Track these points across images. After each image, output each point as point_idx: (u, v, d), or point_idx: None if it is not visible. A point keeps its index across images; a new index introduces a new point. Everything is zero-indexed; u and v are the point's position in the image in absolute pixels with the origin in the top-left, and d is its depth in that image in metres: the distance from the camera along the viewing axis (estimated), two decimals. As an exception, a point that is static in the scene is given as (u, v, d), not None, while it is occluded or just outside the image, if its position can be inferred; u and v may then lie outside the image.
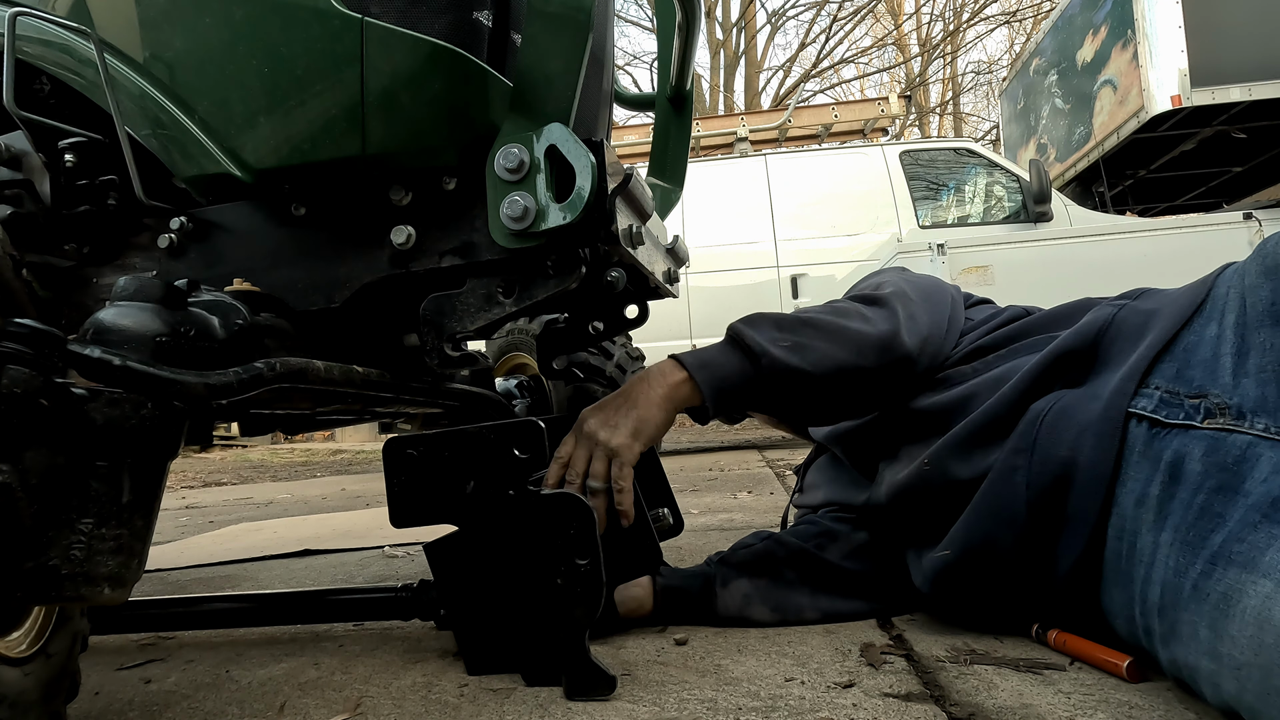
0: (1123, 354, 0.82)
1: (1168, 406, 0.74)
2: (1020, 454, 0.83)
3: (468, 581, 0.91)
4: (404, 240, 0.86)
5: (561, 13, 0.81)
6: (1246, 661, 0.58)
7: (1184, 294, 0.81)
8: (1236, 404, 0.68)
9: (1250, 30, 4.75)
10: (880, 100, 7.07)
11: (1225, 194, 6.60)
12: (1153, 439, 0.74)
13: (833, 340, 0.96)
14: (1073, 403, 0.82)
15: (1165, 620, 0.68)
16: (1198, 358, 0.74)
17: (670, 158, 1.44)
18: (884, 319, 0.99)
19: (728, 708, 0.74)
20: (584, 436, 0.92)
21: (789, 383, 0.95)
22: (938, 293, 1.08)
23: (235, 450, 9.77)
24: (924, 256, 4.40)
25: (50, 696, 0.64)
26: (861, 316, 0.99)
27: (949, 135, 17.02)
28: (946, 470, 0.91)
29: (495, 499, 0.88)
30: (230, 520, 3.10)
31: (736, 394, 0.95)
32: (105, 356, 0.61)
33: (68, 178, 0.91)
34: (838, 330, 0.97)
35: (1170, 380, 0.75)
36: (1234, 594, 0.60)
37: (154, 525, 0.64)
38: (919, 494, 0.95)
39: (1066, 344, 0.86)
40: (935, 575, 0.92)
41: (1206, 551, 0.64)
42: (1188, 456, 0.69)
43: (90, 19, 0.89)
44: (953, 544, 0.89)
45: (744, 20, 14.63)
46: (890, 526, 1.04)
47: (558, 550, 0.83)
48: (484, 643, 0.91)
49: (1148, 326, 0.81)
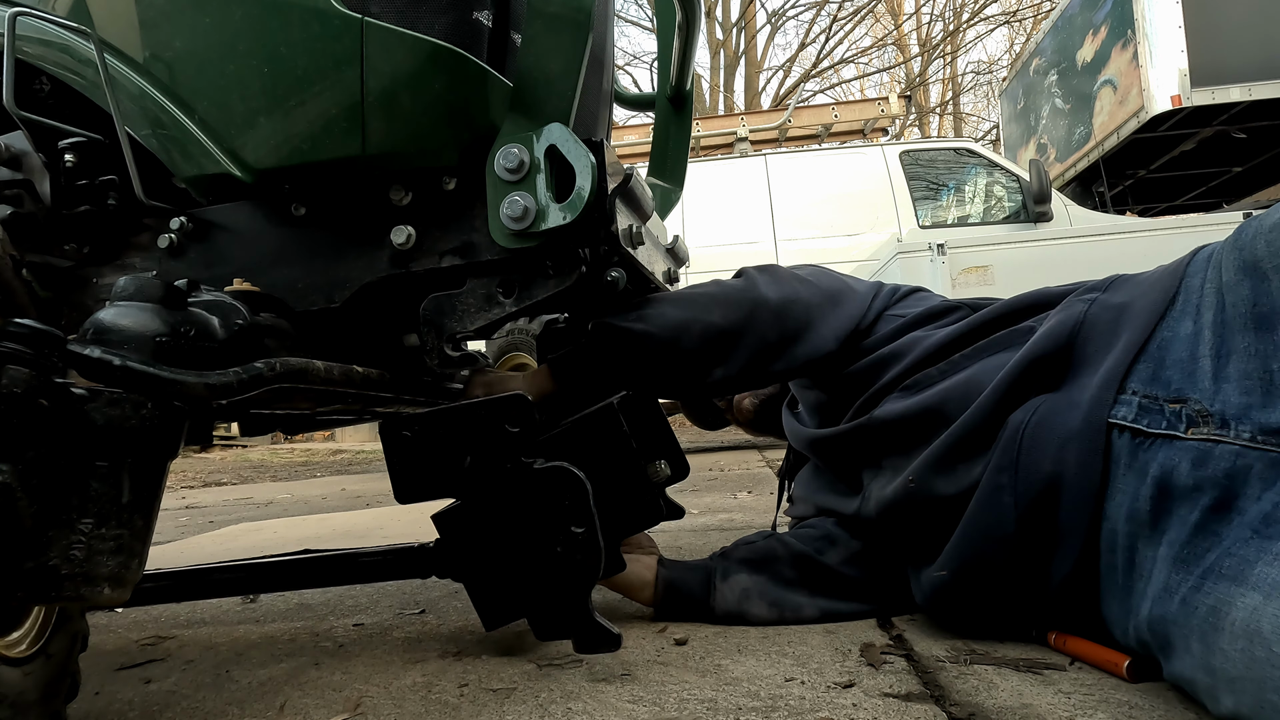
0: (1098, 354, 0.80)
1: (1148, 414, 0.72)
2: (1004, 472, 0.81)
3: (475, 548, 0.95)
4: (404, 240, 0.86)
5: (561, 13, 0.81)
6: (1239, 675, 0.58)
7: (1156, 285, 0.79)
8: (1219, 411, 0.66)
9: (1250, 30, 4.75)
10: (880, 100, 7.07)
11: (1225, 194, 6.60)
12: (1137, 450, 0.72)
13: (678, 305, 1.00)
14: (1051, 412, 0.80)
15: (1158, 635, 0.68)
16: (1173, 357, 0.72)
17: (670, 158, 1.44)
18: (740, 286, 1.03)
19: (728, 708, 0.74)
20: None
21: (632, 346, 0.98)
22: (827, 277, 1.11)
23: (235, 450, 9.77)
24: (924, 256, 4.40)
25: (50, 696, 0.65)
26: (720, 287, 1.04)
27: (949, 135, 17.02)
28: (931, 488, 0.90)
29: (492, 472, 0.92)
30: (230, 520, 3.10)
31: (585, 366, 1.00)
32: (105, 356, 0.61)
33: (68, 178, 0.91)
34: (698, 298, 1.01)
35: (1146, 383, 0.73)
36: (1222, 607, 0.60)
37: (154, 525, 0.65)
38: (907, 511, 0.95)
39: (1039, 348, 0.84)
40: (933, 594, 0.92)
41: (1199, 568, 0.64)
42: (1175, 470, 0.68)
43: (90, 19, 0.89)
44: (948, 564, 0.88)
45: (744, 20, 14.62)
46: (884, 541, 1.04)
47: (555, 519, 0.87)
48: (495, 601, 0.96)
49: (1120, 323, 0.79)
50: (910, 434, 0.95)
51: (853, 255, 5.55)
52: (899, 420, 0.96)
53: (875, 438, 1.01)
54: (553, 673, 0.89)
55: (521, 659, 0.95)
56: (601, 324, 0.99)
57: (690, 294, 1.03)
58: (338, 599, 1.44)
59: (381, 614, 1.28)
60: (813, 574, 1.05)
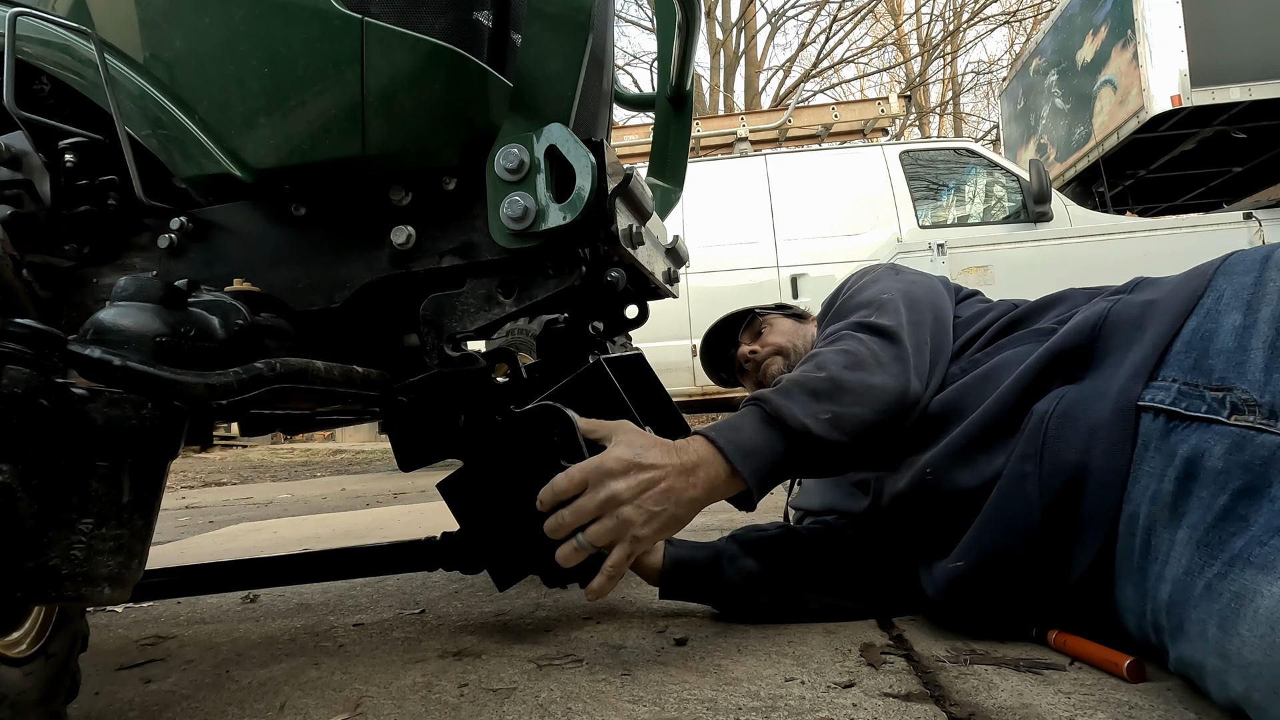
0: (1122, 348, 0.81)
1: (1186, 398, 0.72)
2: (1029, 460, 0.81)
3: (480, 506, 0.99)
4: (404, 240, 0.86)
5: (561, 13, 0.81)
6: (1256, 661, 0.58)
7: (1183, 285, 0.80)
8: (1269, 403, 0.66)
9: (1250, 30, 4.74)
10: (880, 100, 7.07)
11: (1225, 194, 6.60)
12: (1169, 432, 0.72)
13: (862, 402, 0.92)
14: (1077, 401, 0.81)
15: (1173, 617, 0.68)
16: (1217, 347, 0.72)
17: (670, 158, 1.44)
18: (896, 362, 0.95)
19: (728, 708, 0.74)
20: (608, 495, 0.83)
21: (827, 455, 0.92)
22: (938, 306, 1.07)
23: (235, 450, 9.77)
24: (924, 256, 4.40)
25: (50, 696, 0.65)
26: (878, 362, 0.95)
27: (949, 135, 17.02)
28: (950, 479, 0.90)
29: (485, 426, 0.95)
30: (230, 520, 3.10)
31: (779, 477, 0.92)
32: (105, 357, 0.61)
33: (68, 178, 0.91)
34: (865, 390, 0.92)
35: (1187, 371, 0.73)
36: (1247, 594, 0.60)
37: (154, 525, 0.65)
38: (922, 503, 0.94)
39: (1063, 341, 0.85)
40: (948, 586, 0.91)
41: (1226, 554, 0.63)
42: (1207, 453, 0.68)
43: (90, 19, 0.89)
44: (965, 555, 0.88)
45: (744, 20, 14.62)
46: (895, 535, 1.03)
47: (547, 459, 0.90)
48: (504, 559, 0.99)
49: (1147, 318, 0.80)
50: (927, 428, 0.95)
51: (853, 255, 5.55)
52: (919, 418, 0.96)
53: (901, 438, 1.00)
54: (553, 673, 0.89)
55: (521, 659, 0.95)
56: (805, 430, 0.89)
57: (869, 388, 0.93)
58: (338, 599, 1.44)
59: (381, 614, 1.28)
60: (819, 568, 1.05)
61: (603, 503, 0.83)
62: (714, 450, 0.88)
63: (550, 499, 0.85)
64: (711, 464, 0.87)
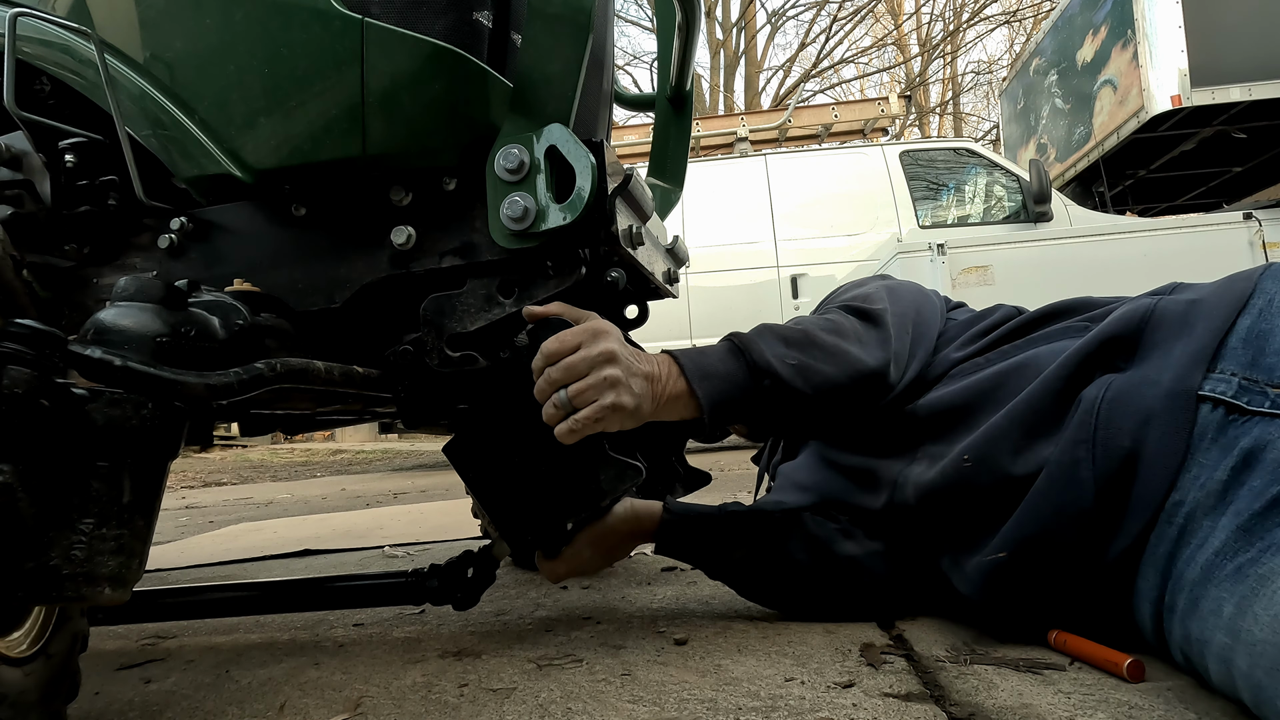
0: (1170, 340, 0.80)
1: (1248, 393, 0.72)
2: (1081, 445, 0.80)
3: (486, 461, 1.00)
4: (404, 240, 0.86)
5: (561, 13, 0.81)
6: (1263, 639, 0.59)
7: (1226, 286, 0.80)
8: None
9: (1250, 30, 4.75)
10: (880, 100, 7.08)
11: (1225, 194, 6.60)
12: (1228, 425, 0.72)
13: (833, 362, 0.94)
14: (1127, 388, 0.80)
15: (1191, 595, 0.69)
16: (1274, 346, 0.73)
17: (670, 158, 1.44)
18: (878, 345, 0.98)
19: (728, 708, 0.74)
20: (599, 351, 0.86)
21: (784, 402, 0.93)
22: (922, 308, 1.08)
23: (235, 450, 9.77)
24: (924, 256, 4.40)
25: (50, 696, 0.65)
26: (859, 339, 0.98)
27: (949, 135, 17.02)
28: (996, 466, 0.87)
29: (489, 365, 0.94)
30: (230, 520, 3.11)
31: (734, 411, 0.93)
32: (106, 357, 0.61)
33: (68, 178, 0.91)
34: (839, 353, 0.95)
35: (1245, 367, 0.73)
36: (1271, 575, 0.61)
37: (154, 525, 0.65)
38: (960, 493, 0.91)
39: (1111, 329, 0.84)
40: (986, 578, 0.88)
41: (1264, 541, 0.64)
42: (1270, 445, 0.68)
43: (90, 19, 0.89)
44: (1006, 544, 0.85)
45: (744, 20, 14.63)
46: (920, 530, 1.00)
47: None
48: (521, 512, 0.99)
49: (1193, 315, 0.80)
50: (954, 420, 0.94)
51: (853, 255, 5.56)
52: (946, 408, 0.96)
53: (915, 427, 0.99)
54: (552, 673, 0.89)
55: (521, 659, 0.95)
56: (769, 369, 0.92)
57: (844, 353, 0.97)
58: (338, 599, 1.44)
59: (381, 614, 1.28)
60: (822, 561, 1.04)
61: (593, 360, 0.85)
62: (676, 368, 0.91)
63: (542, 363, 0.87)
64: (671, 379, 0.90)
